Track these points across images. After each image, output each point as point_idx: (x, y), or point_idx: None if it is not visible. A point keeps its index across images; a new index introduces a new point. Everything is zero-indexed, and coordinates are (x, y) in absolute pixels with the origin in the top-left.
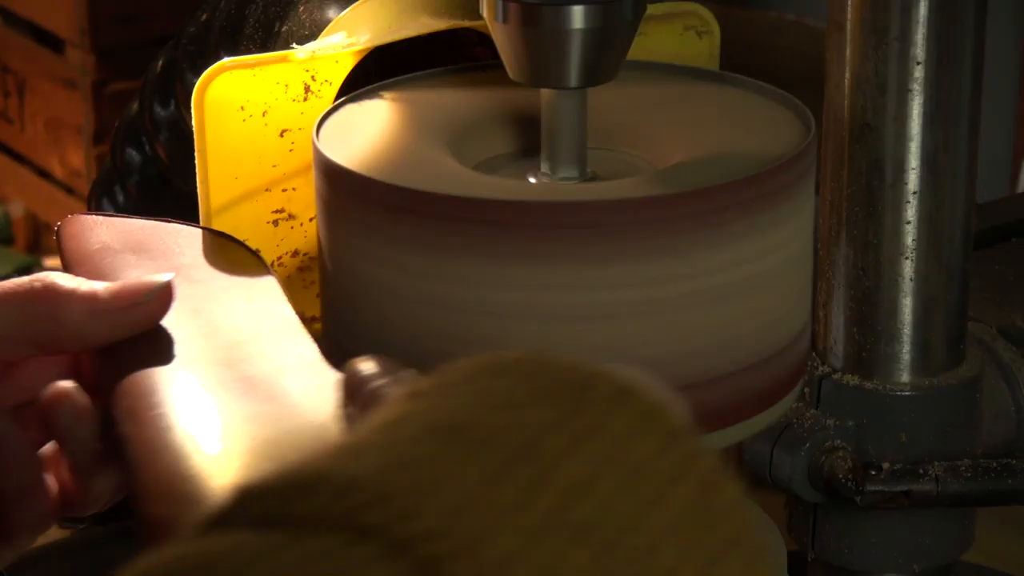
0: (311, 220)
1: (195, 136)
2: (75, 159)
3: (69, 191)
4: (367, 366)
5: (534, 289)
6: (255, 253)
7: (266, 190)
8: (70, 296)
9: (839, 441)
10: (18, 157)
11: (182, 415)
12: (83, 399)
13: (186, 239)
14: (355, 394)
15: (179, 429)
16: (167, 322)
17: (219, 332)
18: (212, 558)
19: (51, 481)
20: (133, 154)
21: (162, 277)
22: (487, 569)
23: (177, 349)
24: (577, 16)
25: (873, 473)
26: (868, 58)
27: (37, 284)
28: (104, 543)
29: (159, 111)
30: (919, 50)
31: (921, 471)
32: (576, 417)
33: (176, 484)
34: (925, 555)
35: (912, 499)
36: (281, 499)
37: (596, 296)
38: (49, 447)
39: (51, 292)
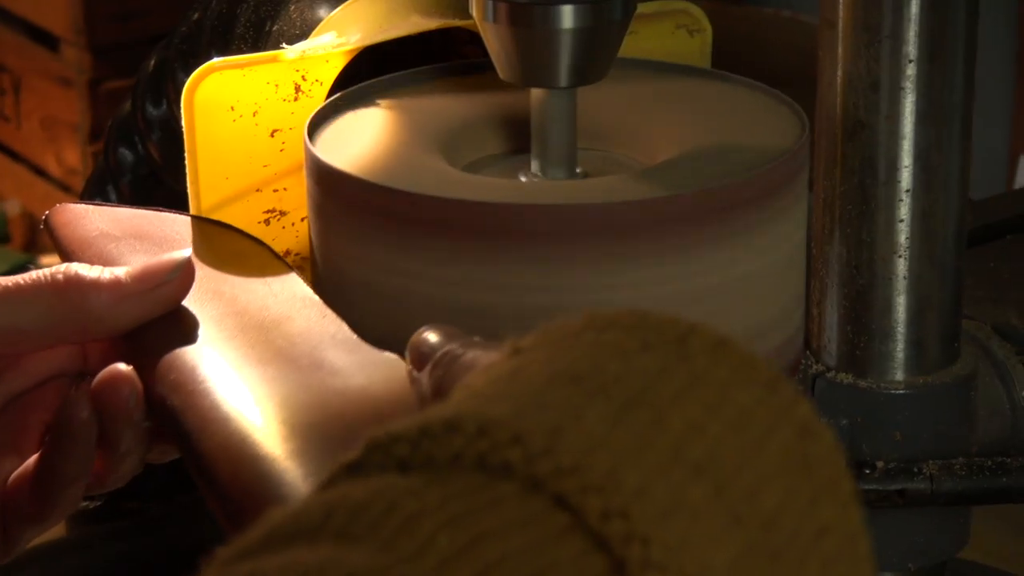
0: (303, 220)
1: (185, 136)
2: (71, 157)
3: (65, 189)
4: (433, 334)
5: (525, 292)
6: (256, 239)
7: (257, 190)
8: (95, 285)
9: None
10: (14, 155)
11: (232, 384)
12: (137, 382)
13: (182, 226)
14: (424, 360)
15: (233, 397)
16: (191, 304)
17: (246, 313)
18: (356, 503)
19: None
20: (126, 153)
21: (181, 254)
22: (619, 503)
23: (209, 327)
24: (567, 16)
25: (867, 472)
26: (860, 56)
27: (60, 276)
28: (98, 543)
29: (151, 110)
30: (911, 48)
31: (916, 470)
32: (682, 364)
33: (242, 447)
34: (920, 553)
35: (907, 498)
36: (416, 444)
37: (590, 298)
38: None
39: (76, 283)
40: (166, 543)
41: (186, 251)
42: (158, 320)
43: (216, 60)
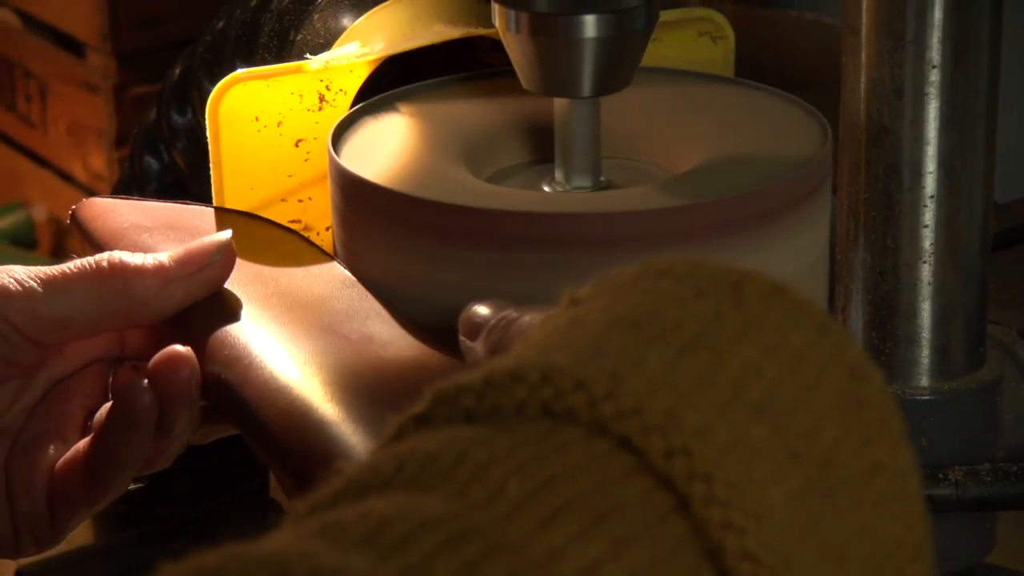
0: (327, 229)
1: (210, 147)
2: (97, 162)
3: (91, 194)
4: (484, 307)
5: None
6: (287, 228)
7: (282, 200)
8: (139, 271)
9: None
10: (41, 161)
11: (286, 357)
12: (196, 362)
13: (210, 217)
14: (477, 330)
15: (289, 368)
16: (234, 287)
17: (288, 293)
18: (426, 454)
19: None
20: (151, 162)
21: (222, 235)
22: (680, 442)
23: (255, 307)
24: (590, 25)
25: None
26: (884, 62)
27: (104, 263)
28: (123, 550)
29: (176, 119)
30: (935, 53)
31: (941, 476)
32: (737, 310)
33: (307, 414)
34: (946, 559)
35: (933, 504)
36: (482, 395)
37: None
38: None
39: (120, 269)
40: (191, 550)
41: (226, 232)
42: (203, 302)
43: (240, 71)
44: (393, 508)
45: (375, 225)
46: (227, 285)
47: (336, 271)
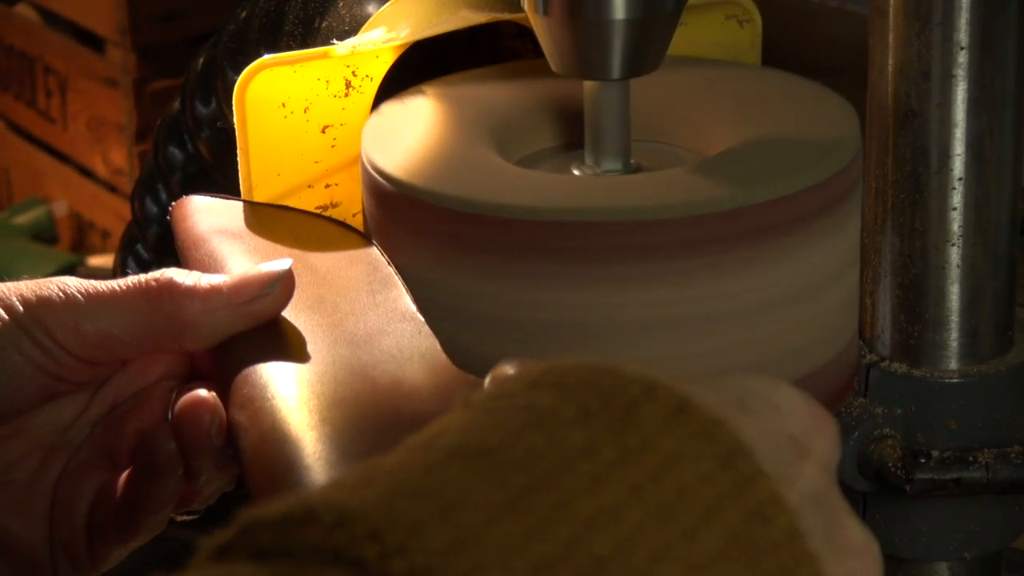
0: (354, 216)
1: (236, 134)
2: (117, 158)
3: (112, 189)
4: (510, 365)
5: (574, 310)
6: (370, 239)
7: (309, 186)
8: (190, 293)
9: (888, 429)
10: (61, 156)
11: (297, 407)
12: (219, 409)
13: (299, 223)
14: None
15: (293, 422)
16: (289, 311)
17: (340, 326)
18: None
19: None
20: (175, 152)
21: (282, 265)
22: None
23: (297, 339)
24: (619, 7)
25: (922, 461)
26: (911, 44)
27: (154, 283)
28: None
29: (200, 109)
30: (962, 35)
31: (971, 458)
32: (620, 437)
33: (286, 477)
34: (975, 543)
35: (962, 487)
36: (279, 531)
37: (643, 313)
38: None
39: (170, 291)
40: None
41: (286, 262)
42: (250, 332)
43: (267, 57)
44: None
45: (412, 236)
46: (289, 307)
47: (400, 303)
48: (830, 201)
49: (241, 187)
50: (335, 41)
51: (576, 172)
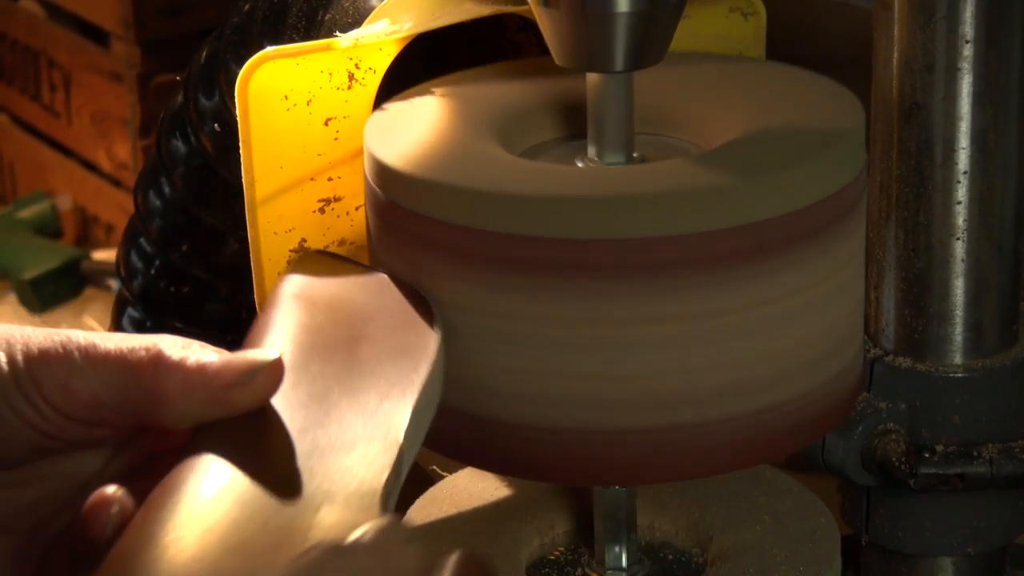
0: (357, 209)
1: (239, 126)
2: (122, 152)
3: (116, 184)
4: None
5: (586, 325)
6: (435, 327)
7: (311, 179)
8: (174, 369)
9: (892, 424)
10: (65, 150)
11: (182, 522)
12: (116, 505)
13: (387, 298)
14: None
15: (165, 536)
16: (281, 400)
17: (318, 429)
18: None
19: None
20: (178, 145)
21: (269, 355)
22: None
23: (250, 442)
24: (622, 0)
25: (926, 456)
26: (916, 37)
27: (143, 354)
28: None
29: (203, 102)
30: (967, 28)
31: (975, 453)
32: None
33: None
34: (980, 538)
35: (966, 481)
36: None
37: (649, 328)
38: None
39: (156, 364)
40: None
41: (273, 352)
42: (224, 420)
43: (270, 49)
44: None
45: (419, 256)
46: (285, 396)
47: (395, 418)
48: (838, 213)
49: (243, 180)
50: (338, 33)
51: (579, 164)
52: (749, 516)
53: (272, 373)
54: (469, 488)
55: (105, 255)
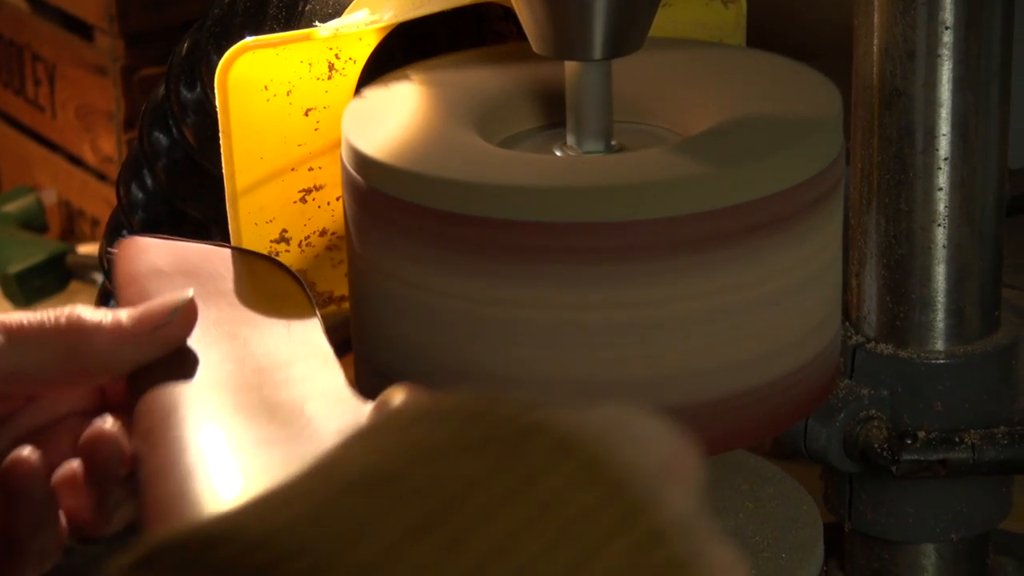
0: (338, 199)
1: (219, 117)
2: (107, 145)
3: (101, 177)
4: (397, 397)
5: (557, 308)
6: (302, 284)
7: (292, 169)
8: (96, 328)
9: (874, 411)
10: (50, 144)
11: (196, 437)
12: (124, 440)
13: (237, 264)
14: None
15: (191, 452)
16: (199, 343)
17: (251, 357)
18: None
19: (62, 513)
20: (160, 137)
21: (183, 295)
22: None
23: (203, 371)
24: None
25: (909, 442)
26: (896, 23)
27: (62, 320)
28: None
29: (185, 94)
30: (947, 14)
31: (957, 439)
32: (511, 469)
33: (179, 507)
34: (962, 524)
35: (948, 468)
36: (183, 555)
37: (626, 314)
38: (63, 471)
39: (77, 326)
40: None
41: (187, 292)
42: (158, 362)
43: (249, 39)
44: None
45: (390, 236)
46: (198, 342)
47: (312, 335)
48: (814, 199)
49: (224, 171)
50: (318, 23)
51: (558, 153)
52: (731, 503)
53: (191, 307)
54: None
55: (91, 249)
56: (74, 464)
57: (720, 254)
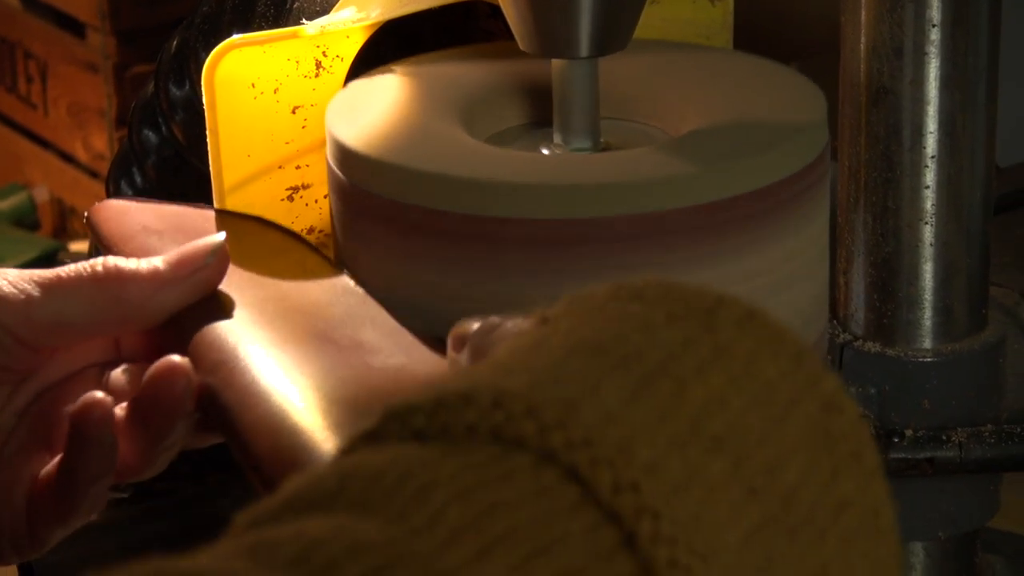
0: (325, 197)
1: (206, 115)
2: (98, 142)
3: (93, 175)
4: (475, 322)
5: (530, 304)
6: (300, 237)
7: (279, 167)
8: (134, 276)
9: (861, 408)
10: (42, 142)
11: (272, 361)
12: (191, 373)
13: (222, 223)
14: (463, 343)
15: (273, 373)
16: (232, 290)
17: (288, 296)
18: (370, 473)
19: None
20: (150, 135)
21: (216, 238)
22: (630, 476)
23: (249, 310)
24: None
25: (896, 440)
26: (883, 21)
27: (100, 269)
28: (130, 525)
29: (174, 91)
30: (935, 12)
31: (944, 437)
32: (706, 338)
33: (282, 420)
34: (950, 522)
35: (936, 466)
36: (432, 415)
37: None
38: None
39: (115, 274)
40: (198, 522)
41: (220, 235)
42: (196, 305)
43: (236, 37)
44: (327, 530)
45: (376, 234)
46: (224, 288)
47: (339, 280)
48: (796, 194)
49: (211, 168)
50: (304, 21)
51: (545, 151)
52: None
53: (224, 252)
54: None
55: (82, 246)
56: (119, 410)
57: (704, 249)
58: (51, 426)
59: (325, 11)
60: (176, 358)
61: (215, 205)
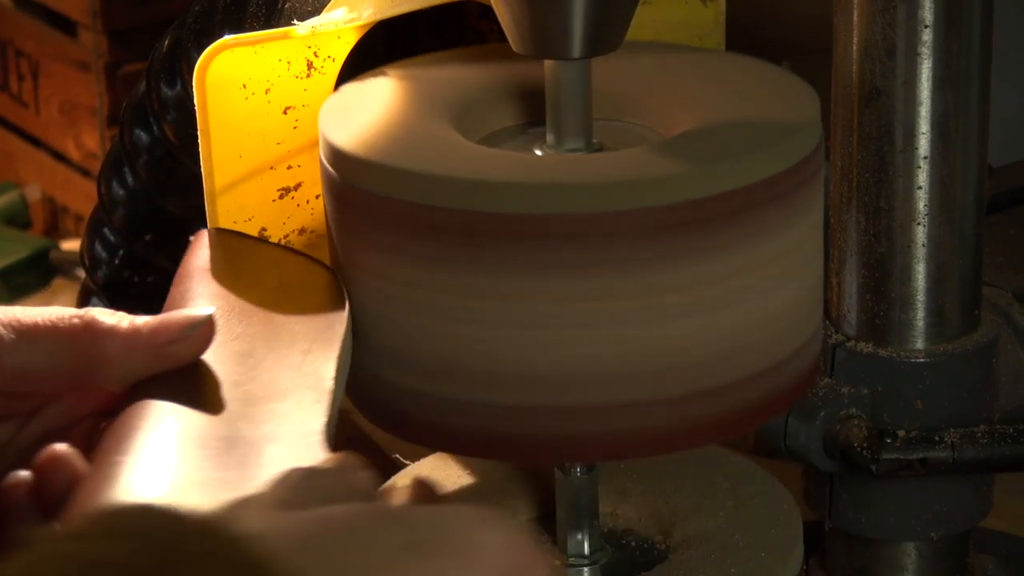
0: (317, 197)
1: (197, 115)
2: (90, 141)
3: (85, 173)
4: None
5: (522, 299)
6: (342, 292)
7: (271, 168)
8: (110, 334)
9: (854, 409)
10: (33, 140)
11: (137, 469)
12: (74, 462)
13: (287, 266)
14: None
15: (122, 482)
16: (211, 357)
17: (250, 382)
18: None
19: None
20: (141, 135)
21: (204, 311)
22: None
23: (195, 391)
24: None
25: (889, 441)
26: (876, 21)
27: (77, 321)
28: None
29: (166, 91)
30: (927, 13)
31: (937, 438)
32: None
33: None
34: (943, 522)
35: (928, 466)
36: None
37: (599, 304)
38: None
39: (91, 330)
40: None
41: (208, 309)
42: (163, 376)
43: (228, 37)
44: None
45: (367, 230)
46: (212, 359)
47: (323, 370)
48: (787, 191)
49: (202, 169)
50: (296, 22)
51: (538, 152)
52: (712, 502)
53: (209, 327)
54: (432, 476)
55: (74, 245)
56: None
57: (694, 246)
58: None
59: (316, 11)
60: (60, 446)
61: (206, 205)
